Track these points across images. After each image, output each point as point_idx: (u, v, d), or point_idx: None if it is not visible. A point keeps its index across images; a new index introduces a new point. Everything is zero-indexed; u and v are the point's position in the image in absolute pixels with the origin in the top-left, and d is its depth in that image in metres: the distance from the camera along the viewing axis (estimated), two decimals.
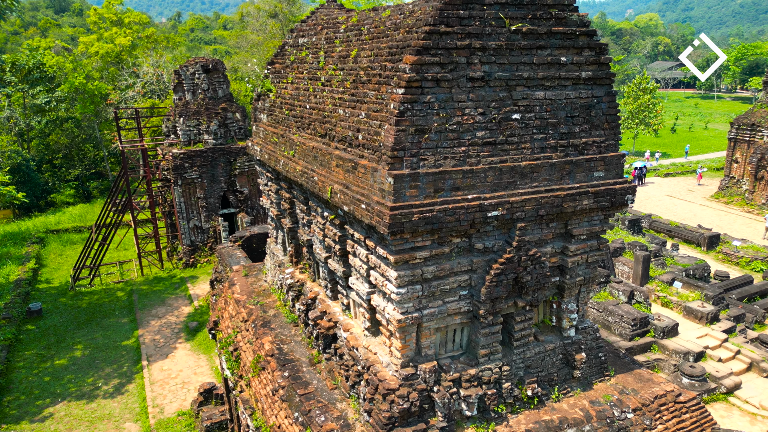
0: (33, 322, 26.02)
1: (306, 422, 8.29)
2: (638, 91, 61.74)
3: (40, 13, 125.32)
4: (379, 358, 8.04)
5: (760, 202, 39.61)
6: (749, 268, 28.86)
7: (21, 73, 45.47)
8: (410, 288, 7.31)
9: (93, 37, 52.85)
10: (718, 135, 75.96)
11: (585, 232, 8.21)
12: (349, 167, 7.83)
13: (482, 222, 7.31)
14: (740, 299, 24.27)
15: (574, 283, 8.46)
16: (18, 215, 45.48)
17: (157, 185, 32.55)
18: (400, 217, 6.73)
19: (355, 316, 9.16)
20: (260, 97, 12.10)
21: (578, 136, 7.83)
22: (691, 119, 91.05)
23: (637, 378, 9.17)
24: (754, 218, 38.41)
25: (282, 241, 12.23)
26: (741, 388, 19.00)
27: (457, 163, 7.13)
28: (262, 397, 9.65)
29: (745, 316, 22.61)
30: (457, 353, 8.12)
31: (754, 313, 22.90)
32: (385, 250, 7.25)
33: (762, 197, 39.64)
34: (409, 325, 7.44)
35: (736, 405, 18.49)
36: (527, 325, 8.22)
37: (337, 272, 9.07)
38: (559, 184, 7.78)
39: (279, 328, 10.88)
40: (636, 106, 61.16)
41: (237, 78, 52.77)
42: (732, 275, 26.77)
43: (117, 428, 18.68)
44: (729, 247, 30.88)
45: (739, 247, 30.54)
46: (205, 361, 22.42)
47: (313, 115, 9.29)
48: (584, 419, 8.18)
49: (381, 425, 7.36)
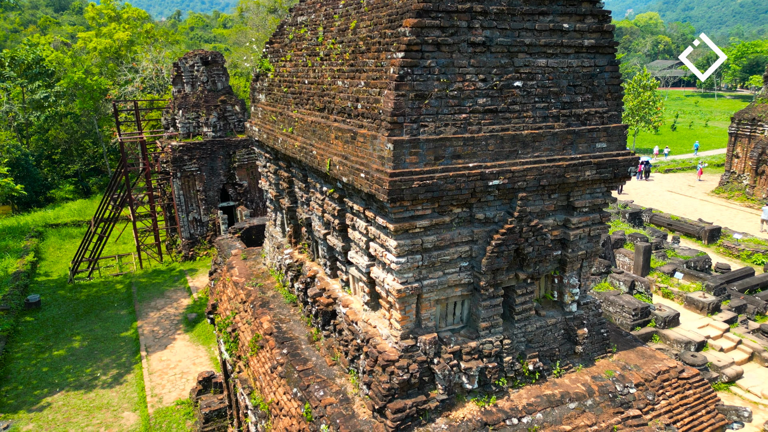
0: (31, 313, 25.92)
1: (305, 397, 8.19)
2: (639, 87, 61.65)
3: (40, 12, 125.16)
4: (378, 331, 7.93)
5: (761, 197, 39.50)
6: (750, 261, 28.76)
7: (20, 68, 45.36)
8: (410, 258, 7.21)
9: (91, 33, 52.74)
10: (719, 132, 75.85)
11: (587, 204, 8.11)
12: (348, 138, 7.73)
13: (483, 191, 7.20)
14: (741, 291, 24.15)
15: (576, 257, 8.35)
16: (17, 210, 45.36)
17: (156, 178, 32.45)
18: (399, 184, 6.63)
19: (355, 292, 9.06)
20: (258, 78, 12.00)
21: (580, 105, 7.73)
22: (692, 117, 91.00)
23: (639, 355, 9.07)
24: (755, 213, 38.30)
25: (281, 223, 12.13)
26: (743, 378, 18.89)
27: (457, 131, 7.03)
28: (261, 375, 9.55)
29: (746, 307, 22.50)
30: (458, 326, 8.01)
31: (756, 305, 22.80)
32: (384, 220, 7.14)
33: (762, 192, 39.53)
34: (408, 295, 7.33)
35: (738, 394, 18.39)
36: (528, 299, 8.11)
37: (336, 248, 8.97)
38: (561, 154, 7.68)
39: (278, 308, 10.78)
40: (636, 103, 61.04)
41: (236, 74, 52.67)
42: (733, 268, 26.66)
43: (115, 417, 18.58)
44: (730, 240, 30.78)
45: (740, 240, 30.44)
46: (204, 352, 22.31)
47: (312, 89, 9.18)
48: (586, 393, 8.08)
49: (380, 396, 7.25)
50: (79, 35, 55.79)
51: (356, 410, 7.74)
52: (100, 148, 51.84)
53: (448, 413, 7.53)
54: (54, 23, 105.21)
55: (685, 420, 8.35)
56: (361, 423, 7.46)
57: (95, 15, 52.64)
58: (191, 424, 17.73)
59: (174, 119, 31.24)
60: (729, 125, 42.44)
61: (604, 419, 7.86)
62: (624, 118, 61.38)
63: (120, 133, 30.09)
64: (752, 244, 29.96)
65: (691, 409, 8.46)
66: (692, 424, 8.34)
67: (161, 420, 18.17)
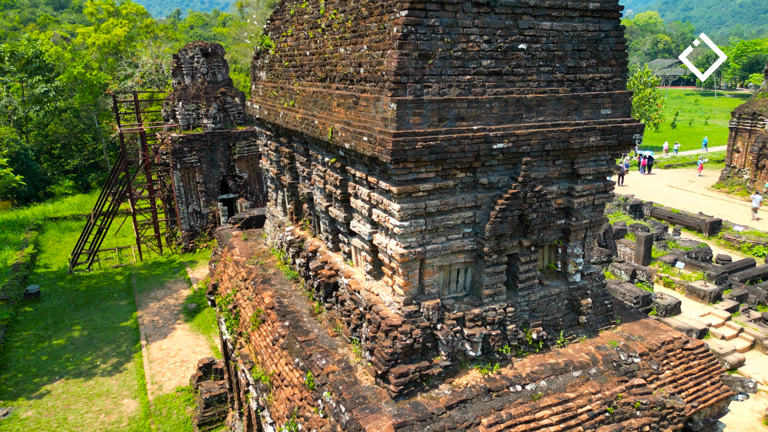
0: (31, 304, 25.84)
1: (306, 366, 8.13)
2: (639, 84, 61.66)
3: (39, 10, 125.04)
4: (381, 298, 7.87)
5: (762, 191, 39.42)
6: (751, 253, 28.70)
7: (20, 62, 45.27)
8: (413, 222, 7.14)
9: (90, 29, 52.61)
10: (718, 130, 75.86)
11: (591, 171, 8.05)
12: (350, 103, 7.67)
13: (487, 155, 7.14)
14: (743, 281, 24.10)
15: (580, 226, 8.29)
16: (17, 206, 45.28)
17: (156, 170, 32.37)
18: (403, 144, 6.57)
19: (357, 263, 9.00)
20: (259, 55, 11.94)
21: (585, 71, 7.67)
22: (691, 115, 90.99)
23: (643, 326, 9.02)
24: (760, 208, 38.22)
25: (281, 202, 12.06)
26: (744, 365, 18.79)
27: (461, 92, 6.97)
28: (262, 349, 9.48)
29: (747, 296, 22.44)
30: (461, 294, 7.95)
31: (757, 295, 22.74)
32: (387, 183, 7.08)
33: (763, 186, 39.45)
34: (411, 260, 7.27)
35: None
36: (532, 267, 8.06)
37: (338, 219, 8.90)
38: (566, 119, 7.62)
39: (279, 284, 10.72)
40: (637, 100, 61.00)
41: (236, 69, 52.60)
42: (734, 260, 26.60)
43: (115, 404, 18.51)
44: (731, 232, 30.72)
45: (741, 233, 30.38)
46: (204, 341, 22.24)
47: (314, 60, 9.12)
48: (590, 362, 8.02)
49: (383, 362, 7.19)
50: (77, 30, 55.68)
51: (359, 378, 7.67)
52: (99, 144, 51.78)
53: (452, 380, 7.47)
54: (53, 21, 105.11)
55: (690, 390, 8.29)
56: (363, 389, 7.39)
57: (94, 10, 52.53)
58: (191, 410, 17.66)
59: (174, 111, 31.18)
60: (729, 120, 42.39)
61: (608, 387, 7.80)
62: None
63: (120, 124, 30.00)
64: (753, 236, 29.91)
65: (695, 380, 8.40)
66: (697, 395, 8.28)
67: (161, 406, 18.10)
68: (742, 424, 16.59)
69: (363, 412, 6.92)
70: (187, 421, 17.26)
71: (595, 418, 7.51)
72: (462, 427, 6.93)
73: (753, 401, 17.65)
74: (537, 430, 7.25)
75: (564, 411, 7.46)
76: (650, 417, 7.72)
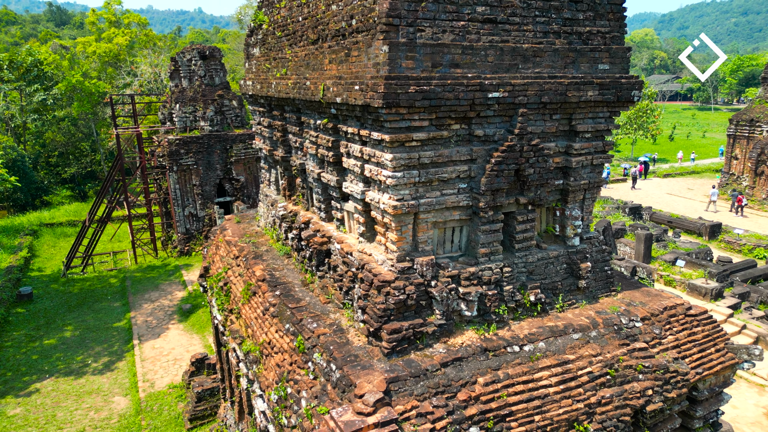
0: (23, 305, 25.46)
1: (297, 331, 7.84)
2: None
3: (41, 26, 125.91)
4: (374, 257, 7.61)
5: (761, 198, 39.27)
6: (752, 255, 28.42)
7: (18, 71, 45.32)
8: (406, 173, 6.92)
9: (91, 38, 52.80)
10: (716, 143, 75.98)
11: (590, 129, 7.85)
12: (342, 57, 7.50)
13: (482, 104, 6.95)
14: (744, 281, 23.81)
15: (579, 187, 8.08)
16: (13, 214, 44.97)
17: (152, 173, 32.17)
18: (395, 87, 6.38)
19: (350, 230, 8.76)
20: (253, 32, 11.82)
21: (582, 23, 7.52)
22: (689, 129, 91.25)
23: (644, 294, 8.75)
24: (755, 213, 38.04)
25: (275, 180, 11.85)
26: None
27: (456, 38, 6.80)
28: (253, 321, 9.19)
29: (749, 295, 22.14)
30: (456, 254, 7.69)
31: (759, 294, 22.43)
32: (380, 133, 6.87)
33: (762, 192, 39.32)
34: (405, 213, 7.03)
35: (744, 377, 17.98)
36: (530, 227, 7.82)
37: (331, 183, 8.67)
38: (563, 72, 7.45)
39: (271, 259, 10.46)
40: (634, 111, 61.15)
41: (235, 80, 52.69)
42: (734, 261, 26.33)
43: (105, 401, 18.08)
44: (731, 235, 30.48)
45: (741, 236, 30.15)
46: (198, 340, 21.85)
47: (306, 24, 8.98)
48: (590, 325, 7.75)
49: (375, 318, 6.91)
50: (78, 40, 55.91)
51: (351, 339, 7.39)
52: (98, 154, 51.62)
53: (446, 339, 7.19)
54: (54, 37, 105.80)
55: (694, 357, 8.00)
56: (355, 349, 7.11)
57: (95, 20, 52.76)
58: (183, 405, 17.25)
59: (171, 114, 31.09)
60: (727, 127, 42.39)
61: (609, 350, 7.52)
62: (621, 126, 61.54)
63: (116, 125, 29.86)
64: (754, 239, 29.67)
65: (699, 346, 8.11)
66: (701, 361, 7.99)
67: (152, 403, 17.69)
68: (747, 418, 16.22)
69: (354, 368, 6.63)
70: (178, 416, 16.84)
71: (596, 381, 7.23)
72: (457, 384, 6.64)
73: (758, 396, 17.29)
74: (536, 390, 6.96)
75: (564, 372, 7.17)
76: (653, 381, 7.43)
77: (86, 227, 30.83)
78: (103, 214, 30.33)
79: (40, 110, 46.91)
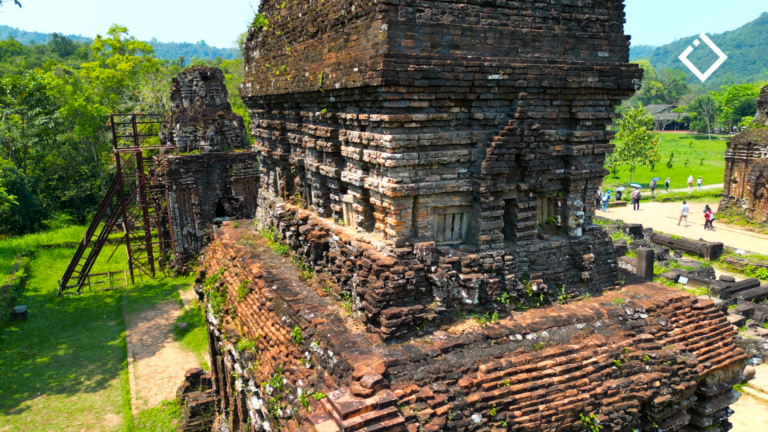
0: (17, 324, 25.08)
1: (293, 322, 7.64)
2: (634, 123, 62.28)
3: (45, 56, 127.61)
4: (373, 245, 7.45)
5: (761, 220, 39.17)
6: (754, 275, 28.17)
7: (21, 95, 45.69)
8: (405, 155, 6.82)
9: (95, 64, 53.42)
10: (714, 170, 76.28)
11: (590, 117, 7.79)
12: (341, 43, 7.48)
13: (482, 86, 6.89)
14: (747, 299, 23.54)
15: (580, 176, 7.97)
16: (11, 237, 44.76)
17: (151, 193, 32.10)
18: (394, 65, 6.33)
19: (348, 222, 8.61)
20: (253, 36, 11.88)
21: (581, 11, 7.52)
22: (686, 156, 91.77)
23: (649, 287, 8.56)
24: (756, 236, 37.87)
25: (273, 181, 11.75)
26: (755, 378, 18.03)
27: (455, 20, 6.78)
28: (248, 317, 8.97)
29: (753, 312, 21.83)
30: (456, 242, 7.54)
31: (763, 311, 22.14)
32: (379, 114, 6.80)
33: (762, 215, 39.24)
34: (404, 196, 6.90)
35: (751, 394, 17.58)
36: (531, 215, 7.68)
37: (329, 175, 8.57)
38: (563, 57, 7.42)
39: (268, 258, 10.29)
40: (632, 138, 61.51)
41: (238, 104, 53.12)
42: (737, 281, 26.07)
43: (97, 419, 17.63)
44: (733, 256, 30.28)
45: (743, 256, 29.95)
46: (194, 358, 21.46)
47: (305, 19, 9.00)
48: (594, 316, 7.54)
49: (374, 303, 6.72)
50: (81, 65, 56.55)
51: (348, 327, 7.19)
52: (98, 179, 51.65)
53: (447, 327, 6.99)
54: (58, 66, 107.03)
55: (702, 350, 7.77)
56: (353, 336, 6.90)
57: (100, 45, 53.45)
58: (177, 422, 16.80)
59: (171, 134, 31.20)
60: (725, 150, 42.55)
61: (614, 341, 7.30)
62: (620, 153, 61.86)
63: (116, 145, 29.93)
64: (756, 259, 29.47)
65: (707, 339, 7.89)
66: (709, 354, 7.76)
67: (145, 420, 17.23)
68: None
69: (352, 353, 6.42)
70: None
71: (601, 371, 6.99)
72: (459, 371, 6.41)
73: (766, 413, 16.88)
74: (539, 379, 6.73)
75: (568, 362, 6.95)
76: (660, 372, 7.19)
77: (83, 248, 30.61)
78: (100, 234, 30.14)
79: (42, 134, 47.14)
